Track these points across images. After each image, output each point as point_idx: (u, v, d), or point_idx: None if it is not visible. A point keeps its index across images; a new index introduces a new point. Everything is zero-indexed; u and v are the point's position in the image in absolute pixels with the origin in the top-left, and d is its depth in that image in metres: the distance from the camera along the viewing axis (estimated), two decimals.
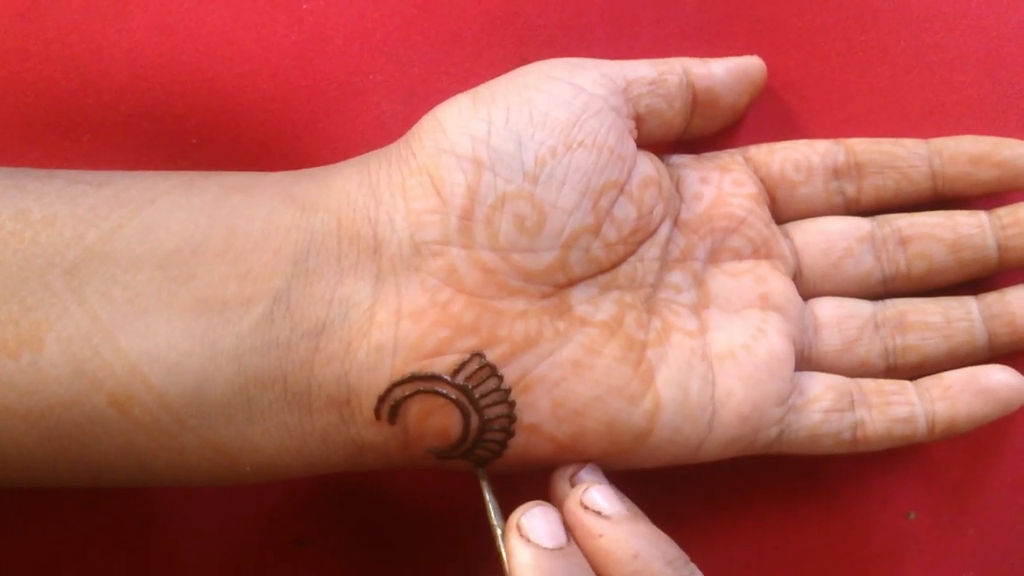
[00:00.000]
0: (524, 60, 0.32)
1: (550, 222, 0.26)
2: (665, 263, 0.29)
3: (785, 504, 0.32)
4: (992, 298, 0.30)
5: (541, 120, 0.26)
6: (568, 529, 0.25)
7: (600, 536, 0.25)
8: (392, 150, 0.27)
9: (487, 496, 0.26)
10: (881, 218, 0.31)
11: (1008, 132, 0.32)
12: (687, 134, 0.30)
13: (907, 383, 0.30)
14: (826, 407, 0.29)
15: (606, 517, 0.25)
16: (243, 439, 0.25)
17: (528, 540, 0.24)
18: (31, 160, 0.31)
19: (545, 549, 0.24)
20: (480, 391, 0.25)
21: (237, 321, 0.24)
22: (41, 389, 0.23)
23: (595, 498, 0.25)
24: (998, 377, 0.29)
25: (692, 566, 0.25)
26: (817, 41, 0.32)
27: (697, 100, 0.29)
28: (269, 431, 0.25)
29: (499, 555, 0.25)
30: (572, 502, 0.25)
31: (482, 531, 0.26)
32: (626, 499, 0.26)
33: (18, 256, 0.24)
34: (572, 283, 0.27)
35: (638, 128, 0.28)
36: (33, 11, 0.31)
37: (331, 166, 0.28)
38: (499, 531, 0.25)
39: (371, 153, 0.28)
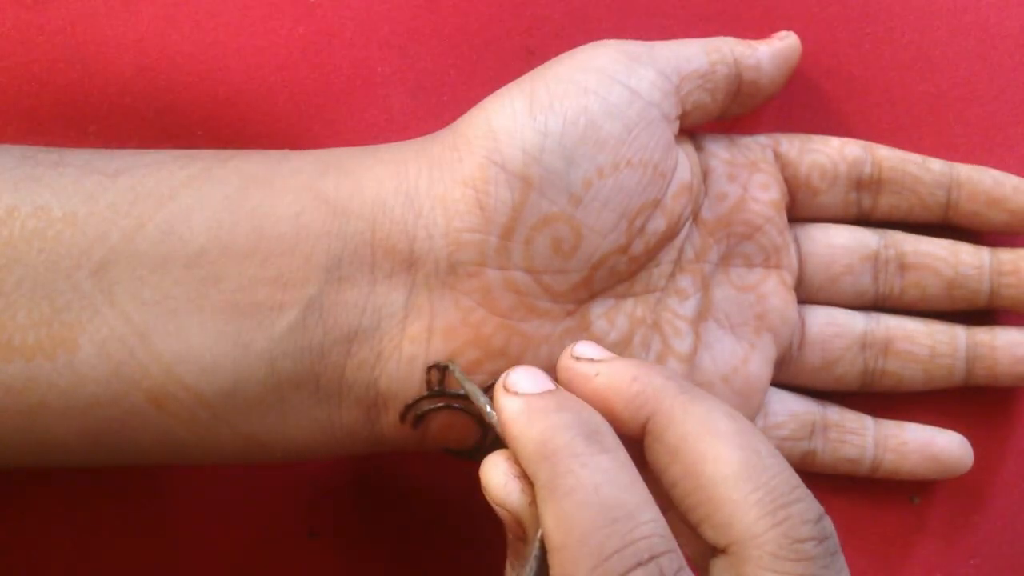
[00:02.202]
0: (531, 52, 0.32)
1: (584, 244, 0.26)
2: (678, 265, 0.29)
3: None
4: (982, 337, 0.31)
5: (594, 135, 0.26)
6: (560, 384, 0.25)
7: (596, 375, 0.24)
8: (434, 149, 0.26)
9: (467, 385, 0.25)
10: (888, 237, 0.31)
11: (1007, 125, 0.33)
12: (718, 119, 0.30)
13: (869, 423, 0.31)
14: (784, 435, 0.30)
15: (598, 361, 0.25)
16: (275, 431, 0.25)
17: (516, 393, 0.24)
18: None
19: (534, 394, 0.23)
20: None
21: (269, 325, 0.25)
22: (79, 389, 0.24)
23: (584, 349, 0.25)
24: (952, 450, 0.31)
25: (687, 383, 0.24)
26: (823, 30, 0.32)
27: (740, 90, 0.29)
28: (300, 425, 0.26)
29: (491, 427, 0.24)
30: (564, 358, 0.25)
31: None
32: None
33: (43, 256, 0.24)
34: (593, 297, 0.27)
35: (680, 121, 0.28)
36: (39, 1, 0.31)
37: (361, 153, 0.27)
38: (488, 408, 0.25)
39: (407, 146, 0.27)
